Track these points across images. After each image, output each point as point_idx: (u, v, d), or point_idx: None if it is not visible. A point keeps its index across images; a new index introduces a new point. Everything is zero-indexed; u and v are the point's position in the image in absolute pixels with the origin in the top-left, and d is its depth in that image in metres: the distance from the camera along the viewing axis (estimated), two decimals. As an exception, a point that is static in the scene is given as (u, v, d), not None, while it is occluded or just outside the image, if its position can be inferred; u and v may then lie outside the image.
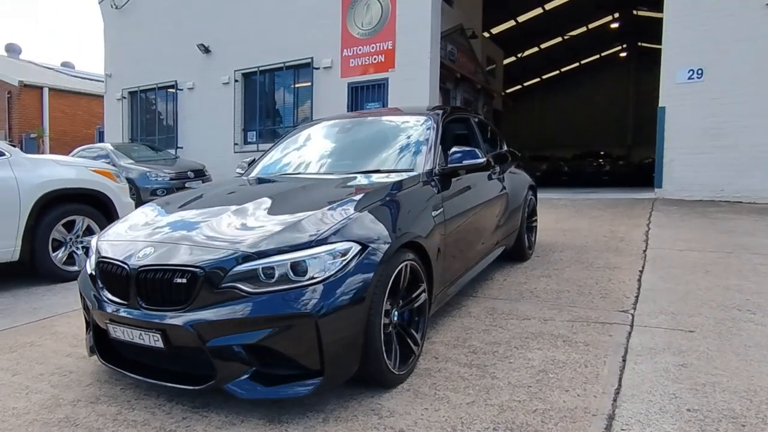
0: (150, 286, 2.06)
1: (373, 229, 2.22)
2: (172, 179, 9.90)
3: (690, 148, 8.19)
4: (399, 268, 2.25)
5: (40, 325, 3.42)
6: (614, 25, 25.19)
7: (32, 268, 4.39)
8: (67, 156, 6.47)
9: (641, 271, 4.11)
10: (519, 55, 28.54)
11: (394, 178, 2.77)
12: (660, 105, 8.45)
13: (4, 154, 4.10)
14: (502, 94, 24.04)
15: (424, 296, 2.50)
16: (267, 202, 2.48)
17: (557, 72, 33.32)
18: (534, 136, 32.56)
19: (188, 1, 12.93)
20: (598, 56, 31.52)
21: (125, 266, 2.13)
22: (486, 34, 21.91)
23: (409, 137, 3.27)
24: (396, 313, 2.33)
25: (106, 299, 2.22)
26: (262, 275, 1.95)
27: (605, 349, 2.64)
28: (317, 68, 11.05)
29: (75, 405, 2.24)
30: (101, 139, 15.79)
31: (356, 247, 2.08)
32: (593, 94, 31.45)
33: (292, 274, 1.96)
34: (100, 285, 2.28)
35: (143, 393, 2.33)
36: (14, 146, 12.57)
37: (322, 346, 1.93)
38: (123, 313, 2.11)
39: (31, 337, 3.18)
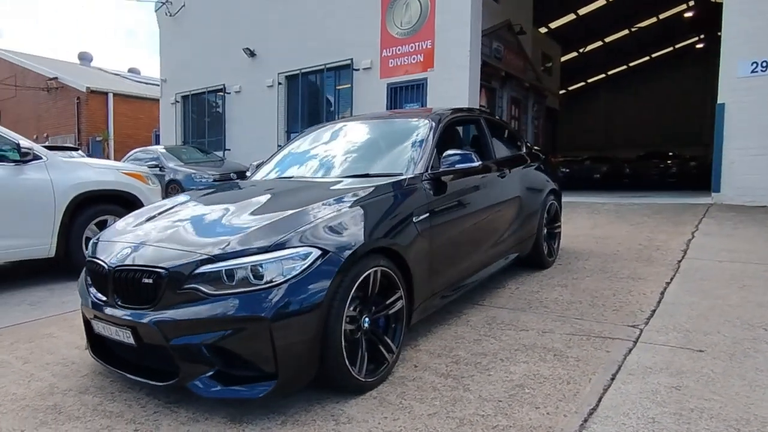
0: (124, 285, 2.19)
1: (338, 234, 2.24)
2: (215, 180, 10.34)
3: (753, 149, 7.61)
4: (367, 274, 2.27)
5: (63, 318, 3.69)
6: (688, 14, 23.75)
7: (67, 264, 4.74)
8: (103, 159, 6.85)
9: (668, 283, 3.89)
10: (581, 50, 27.60)
11: (378, 182, 2.78)
12: (718, 101, 7.91)
13: (41, 158, 4.46)
14: (559, 92, 23.35)
15: (400, 303, 2.50)
16: (247, 205, 2.56)
17: (625, 67, 31.89)
18: (598, 135, 31.35)
19: (235, 6, 13.46)
20: (671, 48, 29.90)
21: (105, 265, 2.28)
22: (543, 30, 21.39)
23: (403, 141, 3.28)
24: (367, 319, 2.35)
25: (93, 296, 2.39)
26: (221, 278, 2.03)
27: (596, 366, 2.53)
28: (357, 69, 11.19)
29: (65, 394, 2.42)
30: (158, 142, 16.73)
31: (316, 252, 2.12)
32: (665, 89, 29.84)
33: (252, 277, 2.03)
34: (89, 282, 2.45)
35: (127, 386, 2.47)
36: (76, 148, 13.52)
37: (276, 349, 1.98)
38: (103, 309, 2.26)
39: (51, 329, 3.44)
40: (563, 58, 26.01)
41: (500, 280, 4.14)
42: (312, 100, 12.43)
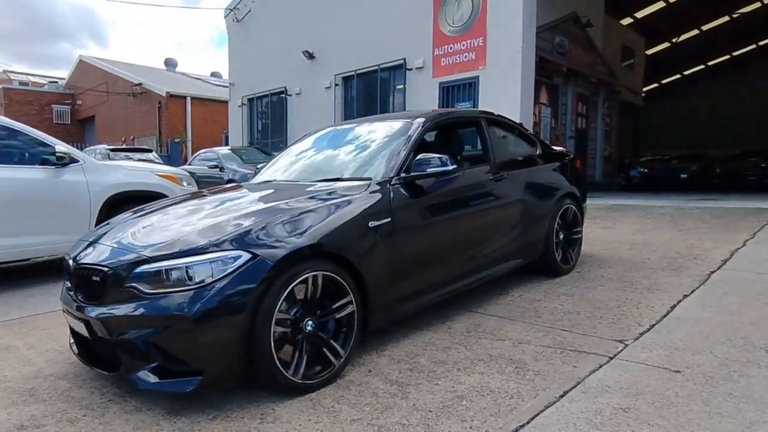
0: (81, 281, 2.43)
1: (274, 238, 2.33)
2: (268, 181, 10.81)
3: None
4: (303, 278, 2.34)
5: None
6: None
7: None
8: (136, 162, 7.22)
9: (686, 296, 3.62)
10: (674, 41, 25.71)
11: (339, 186, 2.85)
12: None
13: (78, 161, 4.94)
14: (643, 87, 21.95)
15: (351, 308, 2.54)
16: (206, 209, 2.73)
17: (728, 56, 29.28)
18: (688, 132, 29.11)
19: (296, 10, 13.97)
20: (777, 38, 27.08)
21: (70, 262, 2.53)
22: (626, 21, 20.21)
23: (381, 145, 3.31)
24: (311, 322, 2.42)
25: (64, 291, 2.66)
26: (155, 278, 2.20)
27: (552, 382, 2.43)
28: (410, 69, 11.24)
29: (46, 379, 2.70)
30: (227, 143, 17.74)
31: (246, 256, 2.22)
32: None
33: (183, 278, 2.17)
34: (66, 278, 2.73)
35: (100, 375, 2.71)
36: (150, 150, 14.62)
37: (200, 347, 2.11)
38: (69, 303, 2.51)
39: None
40: (651, 51, 24.39)
41: (505, 286, 4.04)
42: (367, 100, 12.63)
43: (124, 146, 16.24)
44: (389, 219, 2.80)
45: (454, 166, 3.08)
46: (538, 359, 2.70)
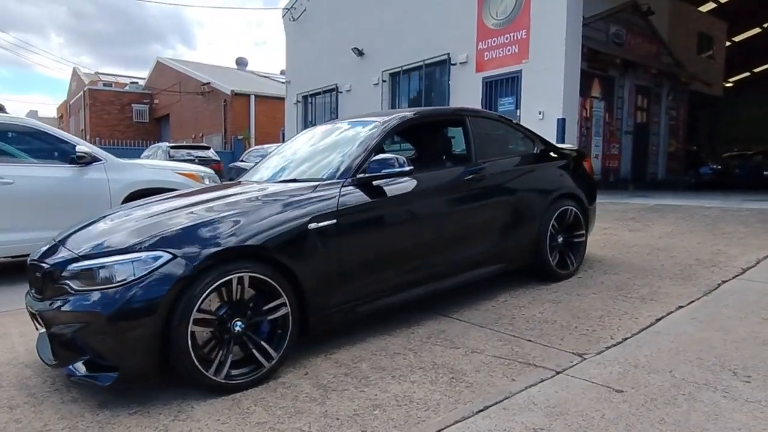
0: (32, 277, 2.61)
1: (198, 239, 2.39)
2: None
3: None
4: (227, 279, 2.38)
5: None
6: None
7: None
8: (163, 161, 7.54)
9: (680, 307, 3.33)
10: (766, 26, 23.47)
11: (291, 186, 2.87)
12: None
13: (100, 160, 5.28)
14: (723, 77, 20.22)
15: (284, 310, 2.56)
16: (153, 209, 2.82)
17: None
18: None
19: (347, 8, 14.12)
20: None
21: (28, 260, 2.73)
22: (706, 6, 18.71)
23: (343, 146, 3.28)
24: (239, 323, 2.46)
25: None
26: (84, 275, 2.32)
27: (480, 395, 2.33)
28: (454, 64, 11.03)
29: (15, 366, 2.86)
30: (284, 140, 18.31)
31: (167, 256, 2.29)
32: None
33: (107, 277, 2.28)
34: None
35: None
36: (208, 147, 15.34)
37: (115, 344, 2.21)
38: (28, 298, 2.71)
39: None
40: (739, 37, 22.42)
41: (494, 291, 3.88)
42: (412, 97, 12.55)
43: (185, 143, 17.14)
44: (334, 221, 2.77)
45: (411, 168, 3.00)
46: (480, 370, 2.59)
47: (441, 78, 11.54)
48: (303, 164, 3.47)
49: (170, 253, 2.31)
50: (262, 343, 2.53)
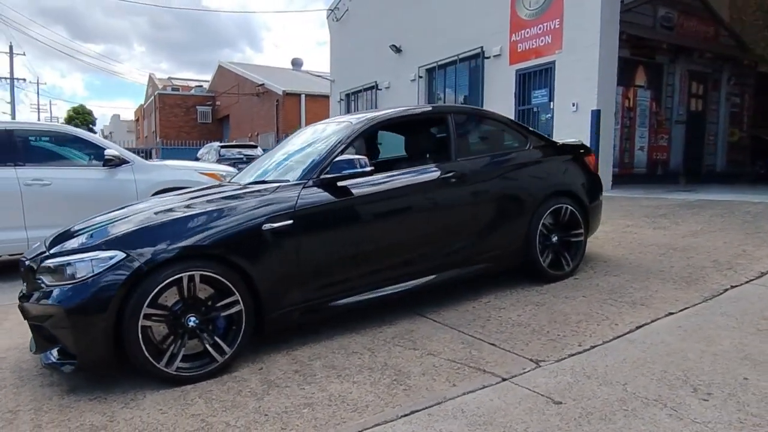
0: (22, 272, 2.82)
1: (151, 239, 2.51)
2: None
3: None
4: (177, 277, 2.48)
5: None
6: None
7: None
8: (188, 161, 7.66)
9: (670, 314, 3.12)
10: None
11: (254, 188, 2.95)
12: None
13: (128, 162, 5.60)
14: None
15: (238, 307, 2.63)
16: (143, 208, 2.95)
17: None
18: None
19: (385, 6, 14.08)
20: None
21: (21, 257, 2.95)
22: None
23: (315, 147, 3.31)
24: (193, 318, 2.55)
25: None
26: (54, 271, 2.48)
27: (414, 399, 2.30)
28: (488, 57, 10.75)
29: (19, 351, 3.14)
30: (331, 137, 18.62)
31: (121, 255, 2.42)
32: None
33: (72, 273, 2.43)
34: None
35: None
36: (255, 146, 15.84)
37: (73, 335, 2.37)
38: None
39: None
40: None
41: (479, 291, 3.78)
42: (448, 92, 12.37)
43: (234, 143, 17.80)
44: (290, 222, 2.81)
45: (371, 168, 2.99)
46: (426, 374, 2.54)
47: (475, 72, 11.28)
48: (282, 164, 3.53)
49: (125, 252, 2.44)
50: (216, 338, 2.62)
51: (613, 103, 8.89)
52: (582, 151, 4.33)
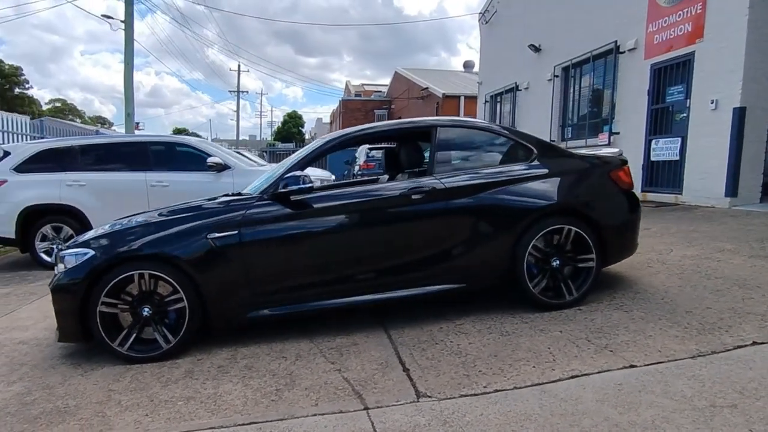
0: None
1: (115, 241, 2.96)
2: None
3: None
4: (129, 274, 2.90)
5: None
6: None
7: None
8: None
9: (632, 366, 2.52)
10: None
11: (215, 201, 3.25)
12: None
13: (230, 167, 6.41)
14: None
15: (182, 304, 2.95)
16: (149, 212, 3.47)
17: None
18: None
19: (528, 5, 13.19)
20: None
21: None
22: None
23: (283, 163, 3.42)
24: (147, 309, 2.97)
25: None
26: (60, 261, 3.08)
27: (253, 410, 2.31)
28: (622, 52, 9.36)
29: (49, 331, 3.84)
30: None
31: (91, 253, 2.92)
32: None
33: (64, 263, 3.01)
34: None
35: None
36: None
37: (58, 312, 2.95)
38: None
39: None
40: None
41: (466, 312, 3.49)
42: (581, 91, 11.11)
43: (381, 145, 18.51)
44: (236, 232, 3.01)
45: (310, 185, 3.04)
46: (310, 388, 2.53)
47: (608, 68, 9.93)
48: (265, 178, 3.70)
49: (93, 250, 2.93)
50: (163, 328, 2.97)
51: (764, 98, 7.05)
52: (602, 164, 3.64)
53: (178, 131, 73.26)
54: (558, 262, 3.41)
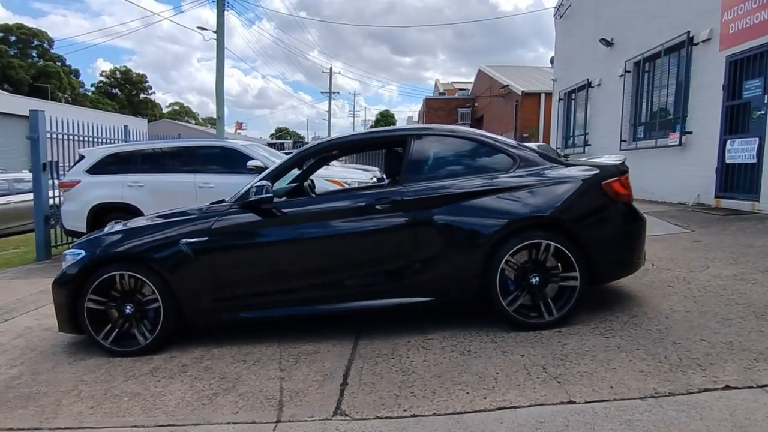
0: None
1: (100, 245, 3.21)
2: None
3: None
4: (111, 274, 3.14)
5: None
6: None
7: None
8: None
9: (571, 402, 2.26)
10: None
11: (199, 207, 3.39)
12: None
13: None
14: None
15: (157, 304, 3.13)
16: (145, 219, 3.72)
17: None
18: None
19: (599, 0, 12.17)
20: None
21: None
22: None
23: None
24: (129, 307, 3.19)
25: None
26: (63, 258, 3.40)
27: (184, 412, 2.38)
28: (696, 44, 8.28)
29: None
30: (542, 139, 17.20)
31: (83, 253, 3.19)
32: None
33: (65, 260, 3.33)
34: None
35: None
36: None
37: (56, 305, 3.25)
38: None
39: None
40: None
41: (441, 327, 3.30)
42: (654, 87, 9.99)
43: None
44: (206, 239, 3.13)
45: (269, 195, 3.07)
46: (244, 395, 2.57)
47: (680, 62, 8.83)
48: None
49: (85, 251, 3.21)
50: (142, 326, 3.17)
51: None
52: (601, 173, 3.25)
53: (280, 130, 77.44)
54: (537, 279, 3.13)
